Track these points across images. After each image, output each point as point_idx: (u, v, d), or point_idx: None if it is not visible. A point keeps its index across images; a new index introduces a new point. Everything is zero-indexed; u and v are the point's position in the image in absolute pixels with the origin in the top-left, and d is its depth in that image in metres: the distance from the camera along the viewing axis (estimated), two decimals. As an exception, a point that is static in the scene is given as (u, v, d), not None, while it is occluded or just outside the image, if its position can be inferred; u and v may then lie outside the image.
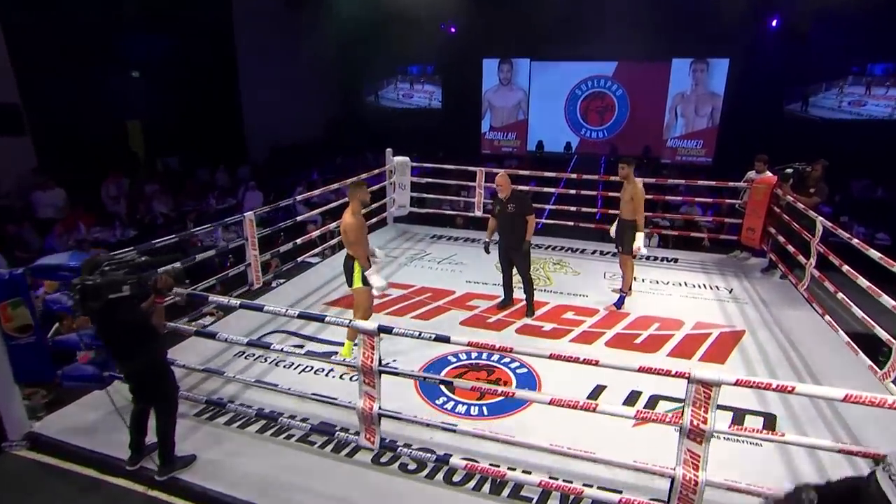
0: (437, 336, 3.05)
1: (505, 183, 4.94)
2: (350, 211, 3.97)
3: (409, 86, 17.91)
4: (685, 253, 7.09)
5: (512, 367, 4.17)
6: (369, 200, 4.11)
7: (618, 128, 16.08)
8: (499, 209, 4.98)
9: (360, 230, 3.95)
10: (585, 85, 16.23)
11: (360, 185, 4.05)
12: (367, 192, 4.06)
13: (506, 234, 5.02)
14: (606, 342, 4.60)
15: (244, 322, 4.89)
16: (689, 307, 5.38)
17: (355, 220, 3.93)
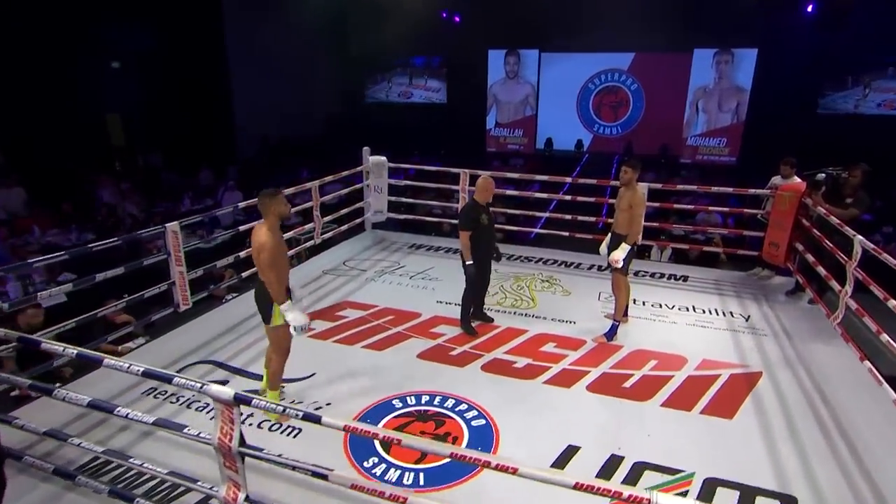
0: (305, 415, 2.38)
1: (493, 187, 4.48)
2: (266, 227, 3.29)
3: (410, 79, 17.27)
4: (697, 269, 6.31)
5: (467, 418, 3.49)
6: (289, 213, 3.44)
7: (633, 124, 15.23)
8: (486, 219, 4.45)
9: (277, 251, 3.27)
10: (599, 79, 15.41)
11: (274, 195, 3.34)
12: (285, 204, 3.36)
13: (490, 245, 4.59)
14: (588, 385, 3.89)
15: (174, 344, 4.37)
16: (696, 339, 4.63)
17: (272, 239, 3.24)
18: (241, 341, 4.46)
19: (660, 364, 4.19)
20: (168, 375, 2.45)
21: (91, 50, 11.68)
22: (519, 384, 3.90)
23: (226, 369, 4.06)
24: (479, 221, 4.37)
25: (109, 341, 4.55)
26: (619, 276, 4.46)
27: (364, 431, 2.18)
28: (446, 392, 3.75)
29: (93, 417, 3.41)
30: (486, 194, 4.42)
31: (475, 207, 4.42)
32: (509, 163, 14.22)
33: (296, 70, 15.59)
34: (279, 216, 3.33)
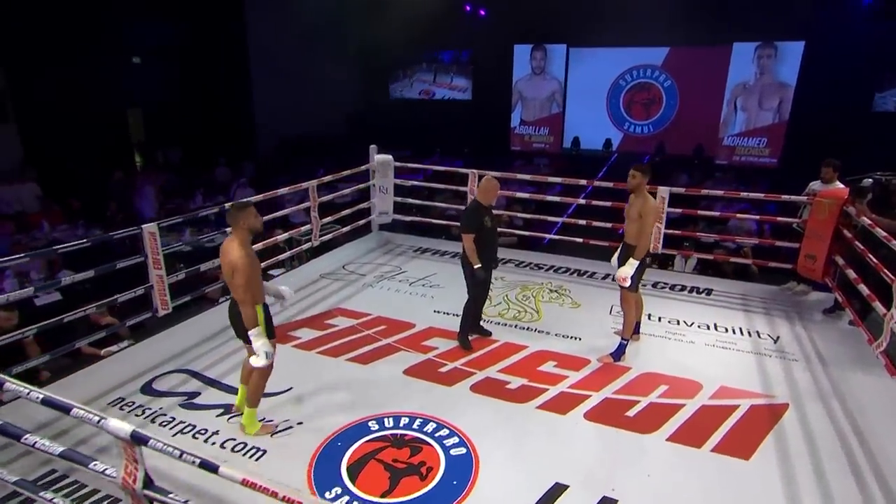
0: (202, 462, 2.13)
1: (497, 188, 4.24)
2: (237, 242, 3.05)
3: (434, 76, 17.02)
4: (723, 282, 5.85)
5: (446, 446, 3.21)
6: (261, 227, 3.20)
7: (665, 123, 14.60)
8: (490, 221, 4.21)
9: (252, 271, 3.03)
10: (630, 75, 14.82)
11: (244, 207, 3.08)
12: (256, 216, 3.11)
13: (494, 249, 4.36)
14: (587, 412, 3.55)
15: (155, 349, 4.24)
16: (715, 362, 4.22)
17: (245, 258, 3.00)
18: (222, 349, 4.29)
19: (670, 390, 3.81)
20: (67, 405, 2.24)
21: (113, 45, 11.86)
22: (509, 408, 3.59)
23: (200, 380, 3.88)
24: (483, 224, 4.13)
25: (95, 343, 4.49)
26: (628, 293, 4.09)
27: (262, 488, 1.92)
28: (428, 415, 3.48)
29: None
30: (490, 196, 4.18)
31: (478, 209, 4.18)
32: (533, 162, 13.81)
33: (317, 67, 15.55)
34: (250, 230, 3.11)
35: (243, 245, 3.05)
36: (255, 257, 3.11)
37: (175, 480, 2.79)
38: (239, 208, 3.11)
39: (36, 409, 2.76)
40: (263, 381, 3.26)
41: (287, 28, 14.68)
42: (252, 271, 3.02)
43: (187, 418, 3.43)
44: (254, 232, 3.13)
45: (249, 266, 3.00)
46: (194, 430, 3.33)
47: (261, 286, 3.18)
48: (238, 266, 2.99)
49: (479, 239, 4.13)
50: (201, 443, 3.21)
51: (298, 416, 3.48)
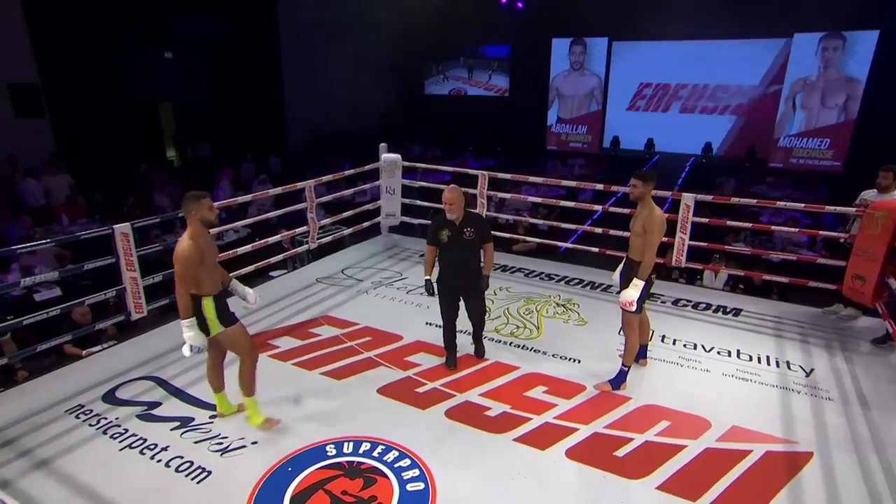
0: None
1: (457, 200, 3.77)
2: (187, 235, 3.03)
3: (470, 72, 16.75)
4: (756, 301, 5.33)
5: (404, 479, 2.96)
6: (215, 219, 3.10)
7: (714, 122, 13.76)
8: (449, 235, 3.84)
9: (192, 261, 2.96)
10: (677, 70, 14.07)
11: (197, 198, 3.04)
12: (209, 207, 3.06)
13: (458, 268, 3.89)
14: (570, 449, 3.22)
15: (132, 352, 4.22)
16: (730, 396, 3.78)
17: (187, 249, 2.96)
18: (195, 357, 4.18)
19: (671, 427, 3.42)
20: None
21: (145, 40, 12.22)
22: (484, 438, 3.31)
23: (166, 388, 3.79)
24: (439, 238, 3.84)
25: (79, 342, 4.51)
26: (631, 315, 3.71)
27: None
28: (392, 441, 3.24)
29: None
30: (449, 209, 3.75)
31: (438, 221, 3.88)
32: (568, 163, 13.31)
33: (350, 62, 15.58)
34: (203, 221, 3.06)
35: (194, 237, 3.03)
36: (204, 248, 3.04)
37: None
38: (193, 199, 3.06)
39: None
40: (253, 368, 3.28)
41: (320, 23, 14.77)
42: (189, 259, 2.97)
43: (140, 431, 3.33)
44: (208, 225, 3.10)
45: (188, 254, 2.97)
46: (144, 444, 3.22)
47: (210, 277, 3.10)
48: (178, 256, 2.98)
49: (440, 255, 3.89)
50: (147, 459, 3.09)
51: (257, 434, 3.32)
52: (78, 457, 3.10)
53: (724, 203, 5.76)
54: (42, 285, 6.03)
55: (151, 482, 2.92)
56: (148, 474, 2.98)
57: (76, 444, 3.20)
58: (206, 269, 3.07)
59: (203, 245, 3.03)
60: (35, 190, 8.47)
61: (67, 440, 3.24)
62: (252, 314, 4.87)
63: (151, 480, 2.93)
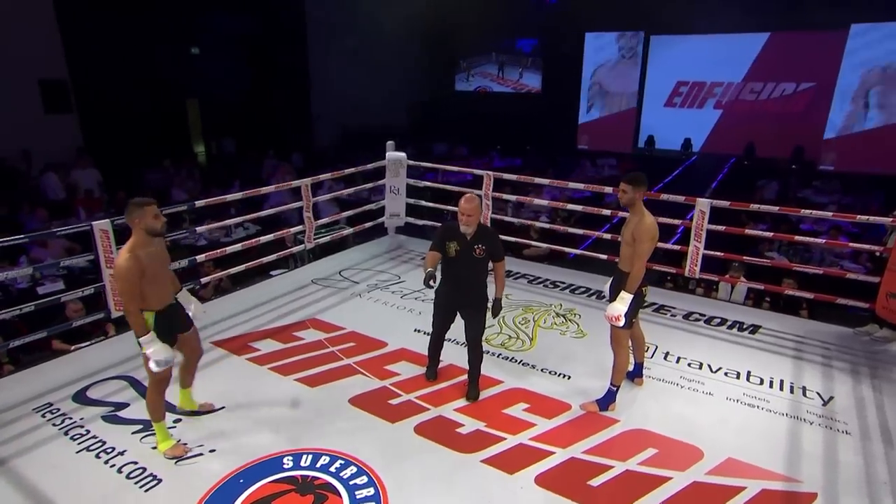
0: None
1: (475, 212, 3.43)
2: (126, 246, 2.88)
3: (501, 68, 16.54)
4: (777, 318, 4.97)
5: (357, 498, 2.85)
6: (161, 228, 2.96)
7: (757, 121, 13.11)
8: (457, 250, 3.49)
9: (131, 276, 2.81)
10: (720, 66, 13.48)
11: (141, 205, 2.88)
12: (155, 216, 2.91)
13: (462, 285, 3.58)
14: (540, 475, 3.03)
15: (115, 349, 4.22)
16: (731, 424, 3.50)
17: (126, 263, 2.81)
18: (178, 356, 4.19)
19: (659, 456, 3.18)
20: None
21: (172, 36, 12.56)
22: (451, 458, 3.15)
23: (137, 389, 3.78)
24: (445, 249, 3.51)
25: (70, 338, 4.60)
26: (619, 331, 3.48)
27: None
28: (352, 456, 3.13)
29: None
30: (466, 220, 3.39)
31: (448, 230, 3.55)
32: (597, 163, 12.93)
33: (380, 57, 15.63)
34: (149, 231, 2.92)
35: (133, 249, 2.87)
36: (145, 260, 2.87)
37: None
38: (136, 206, 2.90)
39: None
40: (155, 394, 3.08)
41: (348, 18, 14.86)
42: (128, 274, 2.81)
43: (101, 433, 3.32)
44: (152, 232, 2.93)
45: (125, 269, 2.80)
46: (102, 447, 3.20)
47: (155, 291, 2.95)
48: (118, 272, 2.83)
49: (444, 266, 3.59)
50: (101, 463, 3.08)
51: (216, 441, 3.27)
52: (34, 458, 3.11)
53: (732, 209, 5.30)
54: (48, 278, 6.22)
55: (99, 488, 2.90)
56: (98, 480, 2.96)
57: (35, 445, 3.22)
58: (150, 281, 2.89)
59: (144, 257, 2.86)
60: (56, 184, 8.78)
61: (28, 440, 3.26)
62: (239, 315, 4.87)
63: (99, 486, 2.91)
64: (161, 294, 3.01)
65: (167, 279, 3.13)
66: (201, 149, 14.56)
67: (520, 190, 8.94)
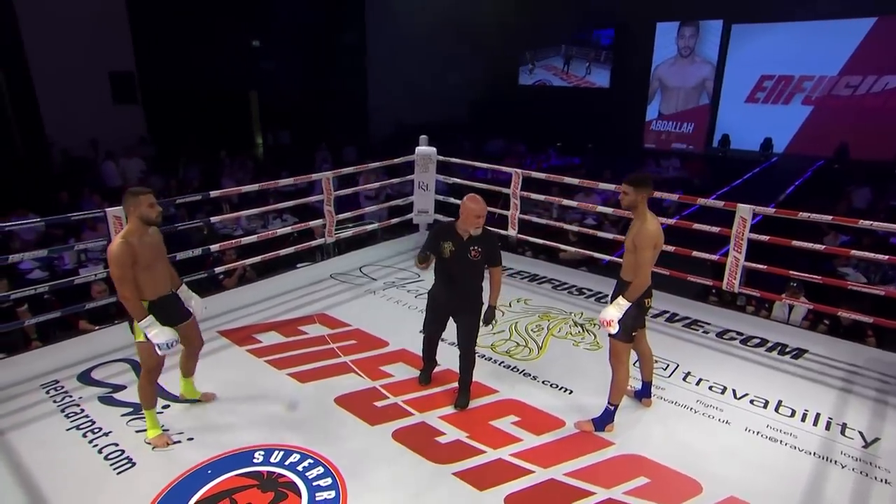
0: None
1: (485, 215, 3.36)
2: (121, 232, 3.04)
3: (567, 62, 16.15)
4: (828, 343, 4.51)
5: (317, 500, 2.85)
6: (156, 217, 3.08)
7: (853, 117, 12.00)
8: (452, 251, 3.41)
9: (122, 262, 2.94)
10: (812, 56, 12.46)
11: (136, 194, 3.01)
12: (150, 205, 3.03)
13: (458, 288, 3.50)
14: (511, 495, 2.90)
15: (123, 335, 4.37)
16: (745, 458, 3.21)
17: (116, 248, 2.95)
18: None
19: (650, 486, 2.97)
20: None
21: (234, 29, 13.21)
22: (422, 467, 3.10)
23: (136, 372, 3.98)
24: (440, 250, 3.42)
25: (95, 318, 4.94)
26: (618, 344, 3.28)
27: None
28: (321, 455, 3.15)
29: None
30: (465, 222, 3.35)
31: (443, 230, 3.47)
32: (661, 164, 12.33)
33: (440, 51, 15.73)
34: (144, 220, 3.05)
35: (127, 236, 3.01)
36: (138, 248, 3.00)
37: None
38: (131, 195, 3.05)
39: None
40: (147, 382, 3.21)
41: (410, 8, 15.04)
42: (118, 260, 2.93)
43: (93, 413, 3.53)
44: (147, 221, 3.06)
45: (116, 255, 2.93)
46: (90, 427, 3.40)
47: (148, 280, 3.08)
48: (110, 258, 2.97)
49: (437, 267, 3.54)
50: (86, 442, 3.27)
51: (197, 429, 3.39)
52: (28, 432, 3.35)
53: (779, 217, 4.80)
54: (91, 261, 6.72)
55: (76, 466, 3.08)
56: (77, 458, 3.14)
57: (32, 419, 3.47)
58: (143, 269, 3.02)
59: (137, 245, 2.97)
60: (113, 171, 9.48)
61: (27, 414, 3.52)
62: (252, 305, 5.03)
63: (77, 464, 3.09)
64: (155, 284, 3.13)
65: (163, 269, 3.23)
66: (261, 140, 15.25)
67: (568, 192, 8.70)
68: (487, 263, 3.49)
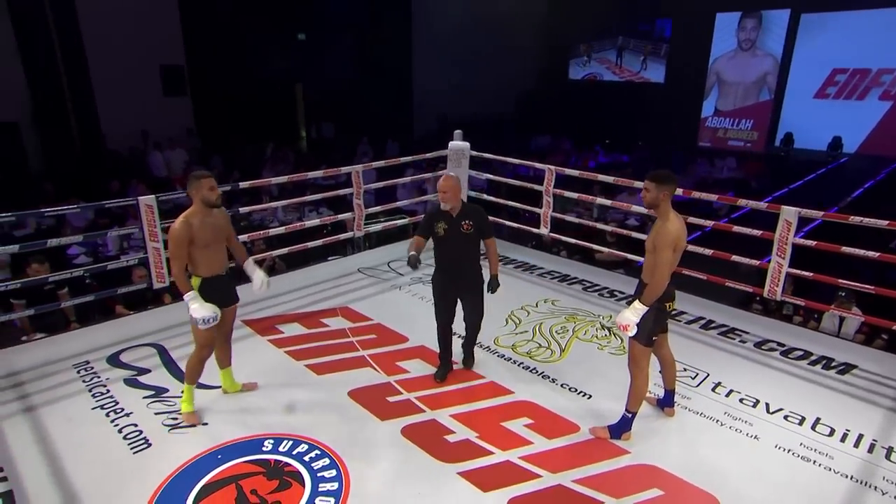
0: None
1: (451, 188, 3.64)
2: (184, 213, 3.27)
3: (619, 55, 15.79)
4: (887, 359, 4.25)
5: (319, 490, 2.93)
6: (216, 199, 3.30)
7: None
8: (445, 228, 3.69)
9: (179, 241, 3.19)
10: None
11: (199, 177, 3.26)
12: (210, 189, 3.24)
13: (456, 265, 3.76)
14: (514, 499, 2.88)
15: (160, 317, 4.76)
16: (772, 478, 3.07)
17: (176, 227, 3.21)
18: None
19: (662, 499, 2.89)
20: None
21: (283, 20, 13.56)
22: (427, 465, 3.12)
23: (162, 357, 4.19)
24: (434, 230, 3.71)
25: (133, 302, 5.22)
26: (638, 348, 3.21)
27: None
28: (329, 448, 3.23)
29: None
30: (443, 197, 3.63)
31: (433, 213, 3.77)
32: (715, 164, 11.85)
33: (488, 43, 15.69)
34: (205, 202, 3.28)
35: (187, 215, 3.24)
36: (197, 228, 3.21)
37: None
38: (194, 178, 3.29)
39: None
40: (196, 359, 3.41)
41: (457, 1, 15.08)
42: (177, 239, 3.19)
43: (118, 394, 3.73)
44: (207, 203, 3.28)
45: (175, 234, 3.19)
46: (114, 407, 3.60)
47: (204, 258, 3.28)
48: (170, 234, 3.23)
49: (435, 251, 3.80)
50: (108, 421, 3.47)
51: (211, 415, 3.53)
52: (57, 408, 3.58)
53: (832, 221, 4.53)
54: (133, 248, 7.08)
55: (97, 444, 3.26)
56: (98, 435, 3.34)
57: (62, 397, 3.70)
58: (199, 249, 3.26)
59: (196, 225, 3.21)
60: (160, 162, 9.95)
61: (58, 392, 3.76)
62: (279, 296, 5.18)
63: (97, 441, 3.28)
64: (210, 263, 3.33)
65: (220, 251, 3.42)
66: (305, 133, 15.62)
67: (610, 192, 8.55)
68: (481, 236, 3.76)
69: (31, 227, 7.54)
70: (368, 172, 10.34)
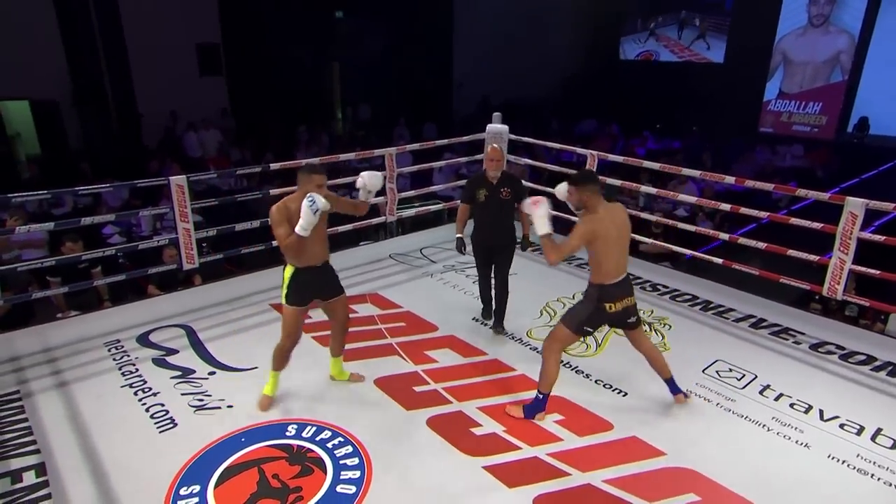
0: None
1: (500, 157, 4.27)
2: (286, 197, 3.34)
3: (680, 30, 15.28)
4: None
5: (340, 478, 2.99)
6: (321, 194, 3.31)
7: None
8: (486, 195, 4.25)
9: (274, 221, 3.26)
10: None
11: (310, 172, 3.27)
12: (318, 185, 3.24)
13: (493, 228, 4.32)
14: (540, 497, 2.87)
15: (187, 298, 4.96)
16: (822, 489, 2.97)
17: (274, 208, 3.28)
18: (231, 314, 4.72)
19: (698, 505, 2.84)
20: None
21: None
22: (452, 457, 3.15)
23: (190, 339, 4.34)
24: (475, 197, 4.26)
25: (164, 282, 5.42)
26: (563, 331, 3.34)
27: None
28: (352, 435, 3.29)
29: None
30: (492, 165, 4.20)
31: (476, 179, 4.37)
32: (778, 152, 11.35)
33: (533, 22, 15.46)
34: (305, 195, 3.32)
35: (288, 199, 3.31)
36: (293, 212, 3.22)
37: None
38: (308, 171, 3.32)
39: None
40: (281, 348, 3.51)
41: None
42: (273, 219, 3.29)
43: (147, 373, 3.90)
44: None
45: (273, 214, 3.28)
46: (142, 385, 3.76)
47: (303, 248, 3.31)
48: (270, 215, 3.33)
49: (475, 213, 4.33)
50: (136, 400, 3.62)
51: (237, 398, 3.64)
52: (87, 385, 3.76)
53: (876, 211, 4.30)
54: (165, 229, 7.33)
55: (124, 420, 3.42)
56: (126, 413, 3.49)
57: (93, 374, 3.89)
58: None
59: (294, 210, 3.22)
60: (194, 142, 10.24)
61: (90, 369, 3.94)
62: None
63: (125, 419, 3.44)
64: (306, 253, 3.38)
65: (316, 243, 3.42)
66: (341, 115, 15.78)
67: (660, 181, 8.34)
68: (516, 201, 4.17)
69: (69, 205, 7.88)
70: (404, 156, 10.43)
